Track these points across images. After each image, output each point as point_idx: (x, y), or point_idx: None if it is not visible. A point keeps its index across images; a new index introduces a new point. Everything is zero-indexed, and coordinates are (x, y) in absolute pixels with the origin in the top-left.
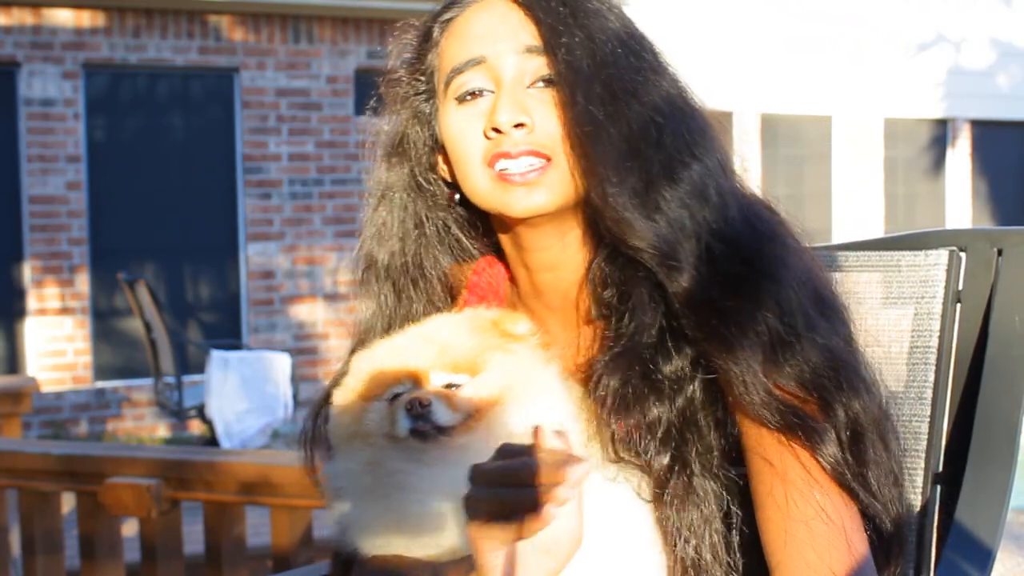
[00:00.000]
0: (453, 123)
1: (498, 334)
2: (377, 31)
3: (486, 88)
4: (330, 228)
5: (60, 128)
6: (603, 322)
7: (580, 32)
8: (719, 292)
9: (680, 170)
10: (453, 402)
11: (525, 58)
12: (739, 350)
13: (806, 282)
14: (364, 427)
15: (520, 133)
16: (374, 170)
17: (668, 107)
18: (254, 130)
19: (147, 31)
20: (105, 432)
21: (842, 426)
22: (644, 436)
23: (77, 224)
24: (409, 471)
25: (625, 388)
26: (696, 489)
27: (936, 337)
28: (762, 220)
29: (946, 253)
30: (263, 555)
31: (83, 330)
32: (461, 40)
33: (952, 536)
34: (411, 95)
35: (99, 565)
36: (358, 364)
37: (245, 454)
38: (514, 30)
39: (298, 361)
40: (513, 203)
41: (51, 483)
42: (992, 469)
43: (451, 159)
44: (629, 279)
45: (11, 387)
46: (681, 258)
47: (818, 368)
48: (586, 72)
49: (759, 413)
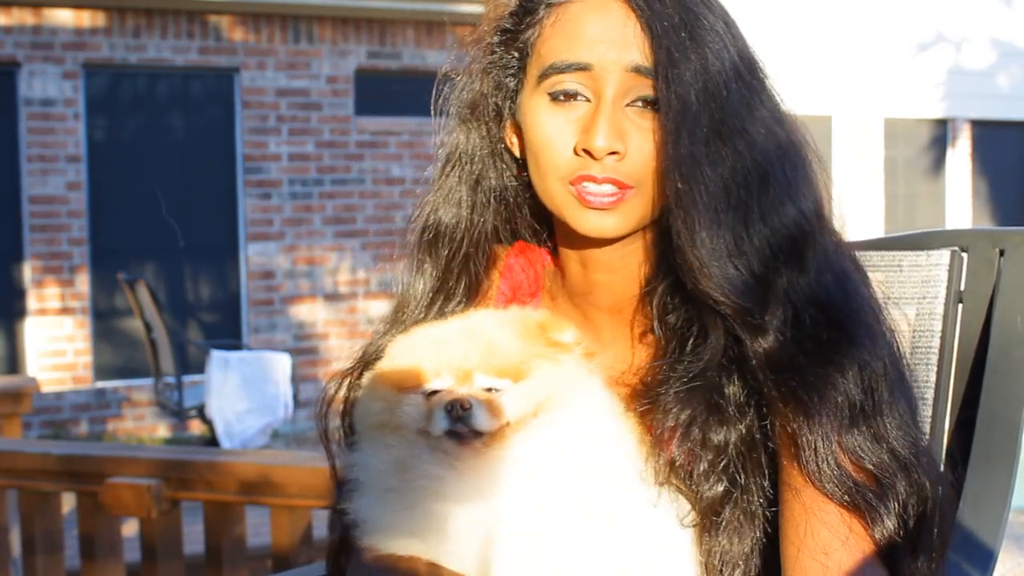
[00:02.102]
0: (543, 122)
1: (545, 341)
2: (377, 31)
3: (583, 93)
4: (330, 228)
5: (60, 128)
6: (661, 340)
7: (695, 57)
8: (803, 356)
9: (777, 221)
10: (494, 407)
11: (632, 77)
12: (816, 417)
13: (894, 355)
14: (397, 418)
15: (611, 159)
16: (447, 130)
17: (773, 148)
18: (254, 130)
19: (147, 31)
20: (105, 432)
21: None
22: (701, 463)
23: (77, 224)
24: (439, 477)
25: (693, 420)
26: (746, 520)
27: (938, 337)
28: (853, 281)
29: (948, 253)
30: (263, 555)
31: (83, 330)
32: (569, 36)
33: (955, 536)
34: (499, 65)
35: (99, 565)
36: (396, 350)
37: (245, 454)
38: (627, 43)
39: (298, 361)
40: (583, 223)
41: (51, 483)
42: (994, 470)
43: (529, 153)
44: (702, 309)
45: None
46: (766, 319)
47: (896, 449)
48: (695, 105)
49: (824, 485)
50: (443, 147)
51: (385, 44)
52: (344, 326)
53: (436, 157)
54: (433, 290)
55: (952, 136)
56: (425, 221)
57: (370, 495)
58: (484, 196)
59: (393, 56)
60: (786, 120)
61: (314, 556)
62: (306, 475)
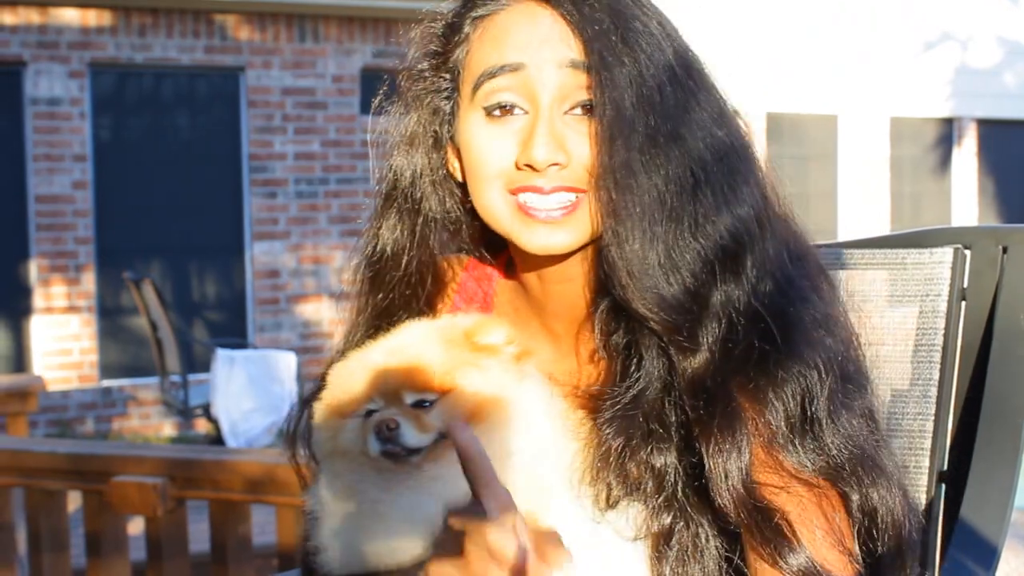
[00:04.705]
0: (478, 138)
1: (470, 347)
2: (383, 30)
3: (519, 105)
4: (335, 227)
5: (66, 127)
6: (605, 359)
7: (628, 61)
8: (731, 376)
9: (712, 230)
10: (422, 422)
11: (568, 73)
12: (722, 444)
13: (835, 362)
14: (341, 444)
15: (554, 170)
16: (387, 163)
17: (711, 152)
18: (260, 129)
19: (153, 30)
20: (111, 431)
21: (857, 517)
22: (646, 486)
23: (83, 223)
24: (378, 499)
25: (626, 446)
26: (694, 552)
27: (941, 335)
28: (796, 287)
29: (951, 251)
30: (269, 553)
31: (89, 329)
32: (497, 43)
33: (957, 535)
34: (431, 91)
35: (105, 563)
36: (335, 377)
37: (251, 453)
38: (558, 42)
39: (304, 360)
40: (531, 240)
41: (57, 482)
42: (997, 468)
43: (468, 172)
44: (638, 329)
45: (17, 386)
46: (698, 338)
47: (836, 458)
48: (629, 111)
49: (727, 508)
50: (383, 181)
51: (391, 43)
52: None
53: (376, 192)
54: (378, 314)
55: (958, 135)
56: (370, 255)
57: (326, 523)
58: (427, 227)
59: (399, 55)
60: (728, 121)
61: None
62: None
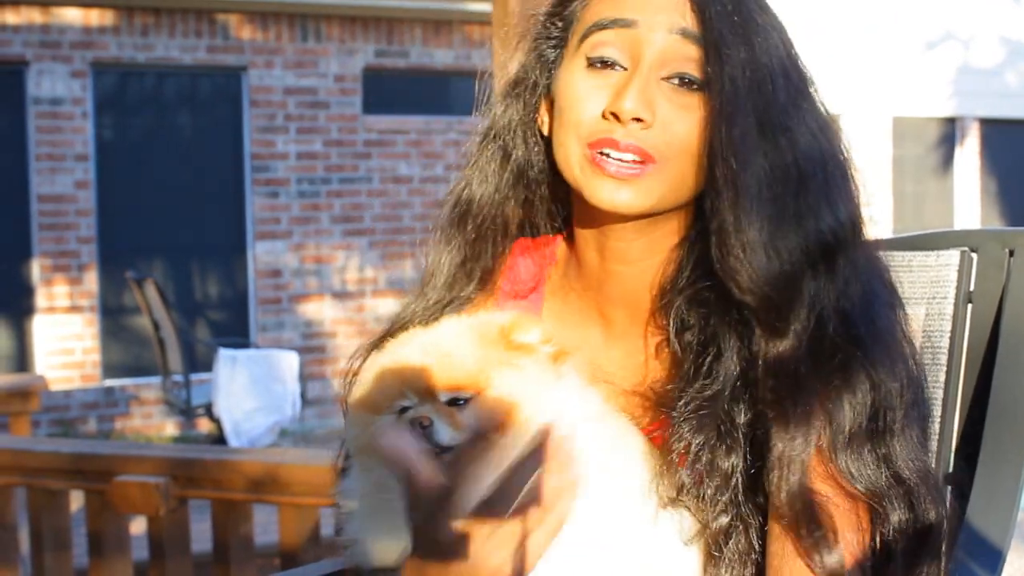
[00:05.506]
0: (575, 85)
1: (506, 345)
2: (385, 30)
3: (621, 63)
4: (338, 227)
5: (68, 127)
6: (678, 354)
7: (745, 47)
8: (813, 368)
9: (812, 226)
10: (455, 420)
11: (676, 40)
12: (795, 432)
13: (914, 381)
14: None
15: (636, 126)
16: (490, 107)
17: (816, 152)
18: (262, 129)
19: (155, 30)
20: (113, 430)
21: (891, 539)
22: (708, 488)
23: (85, 223)
24: None
25: (703, 445)
26: (745, 555)
27: (947, 337)
28: (880, 299)
29: (957, 253)
30: (271, 553)
31: (91, 328)
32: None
33: (963, 536)
34: (543, 37)
35: (107, 563)
36: (368, 374)
37: (253, 452)
38: (674, 11)
39: (306, 359)
40: (598, 192)
41: (60, 481)
42: (1003, 470)
43: (556, 115)
44: (718, 325)
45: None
46: (790, 321)
47: (889, 476)
48: (743, 91)
49: (780, 500)
50: (484, 121)
51: (393, 43)
52: (352, 324)
53: (477, 131)
54: (456, 266)
55: (960, 134)
56: (458, 196)
57: (357, 518)
58: (511, 172)
59: (401, 55)
60: (829, 129)
61: (321, 554)
62: (313, 473)
